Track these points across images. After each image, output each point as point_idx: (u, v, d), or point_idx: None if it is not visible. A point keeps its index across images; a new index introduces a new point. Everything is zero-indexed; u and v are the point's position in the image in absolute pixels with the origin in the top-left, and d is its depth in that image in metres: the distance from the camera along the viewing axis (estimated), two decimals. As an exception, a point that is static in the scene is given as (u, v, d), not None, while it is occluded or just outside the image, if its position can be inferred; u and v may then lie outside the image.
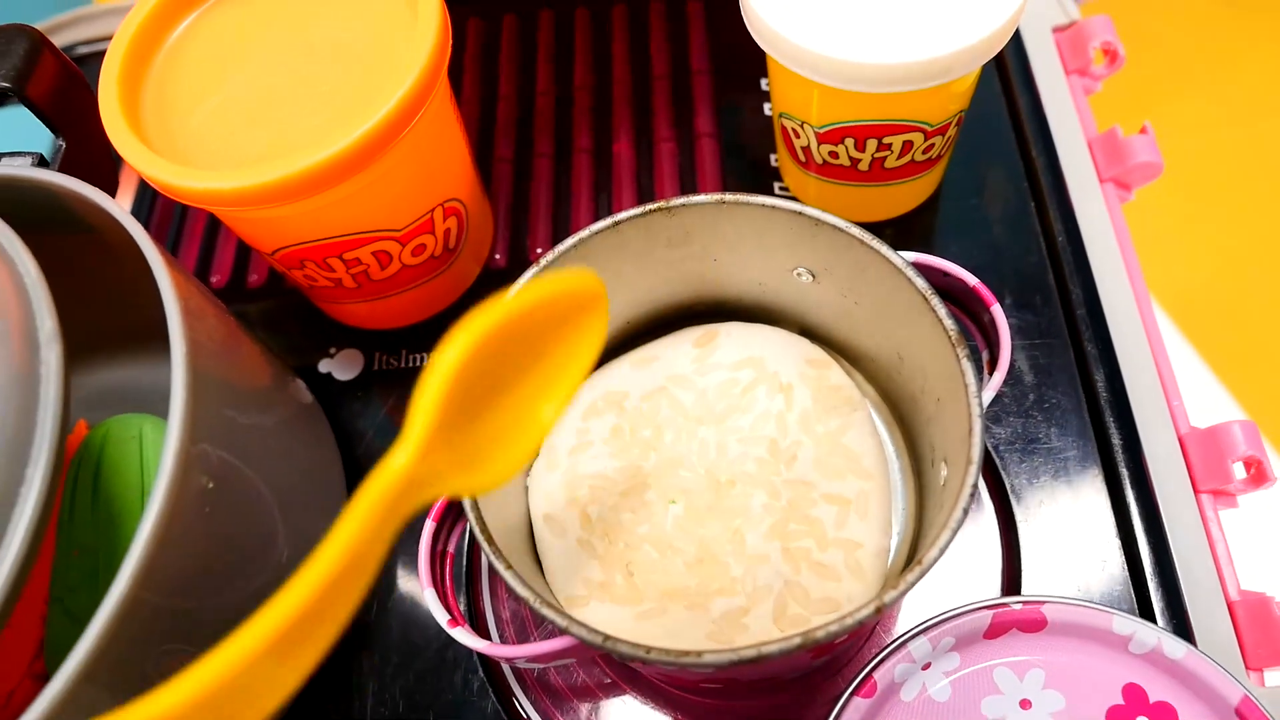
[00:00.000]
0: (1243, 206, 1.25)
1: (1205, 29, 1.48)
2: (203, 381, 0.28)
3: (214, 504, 0.28)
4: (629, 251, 0.33)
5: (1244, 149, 1.31)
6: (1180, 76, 1.41)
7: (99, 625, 0.26)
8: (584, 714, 0.33)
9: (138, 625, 0.26)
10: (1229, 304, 1.14)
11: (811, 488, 0.33)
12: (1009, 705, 0.30)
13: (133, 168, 0.30)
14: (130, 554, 0.26)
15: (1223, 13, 1.47)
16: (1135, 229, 0.40)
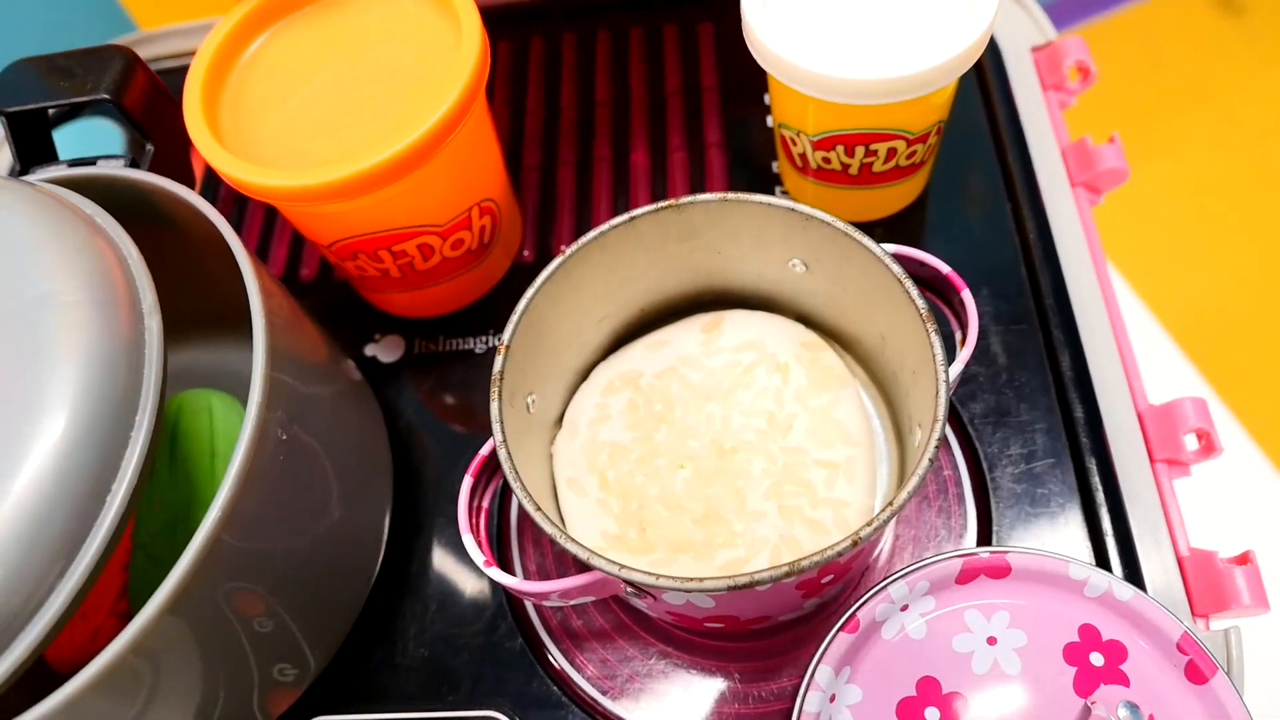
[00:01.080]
0: (1246, 223, 1.28)
1: (1210, 46, 1.51)
2: (275, 351, 0.33)
3: (285, 456, 0.33)
4: (643, 245, 0.37)
5: (1249, 166, 1.34)
6: (1185, 93, 1.44)
7: (187, 560, 0.29)
8: (600, 654, 0.37)
9: (215, 562, 0.30)
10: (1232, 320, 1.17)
11: (804, 454, 0.37)
12: (977, 641, 0.34)
13: (214, 168, 0.35)
14: (217, 498, 0.30)
15: (1228, 31, 1.51)
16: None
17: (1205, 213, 1.30)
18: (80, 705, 0.28)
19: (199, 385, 0.42)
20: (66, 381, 0.28)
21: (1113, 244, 0.66)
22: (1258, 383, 1.08)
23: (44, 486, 0.27)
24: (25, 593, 0.27)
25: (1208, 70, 1.46)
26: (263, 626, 0.34)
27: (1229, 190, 1.31)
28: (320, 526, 0.36)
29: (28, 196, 0.32)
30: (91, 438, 0.28)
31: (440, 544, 0.40)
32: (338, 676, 0.38)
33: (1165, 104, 1.42)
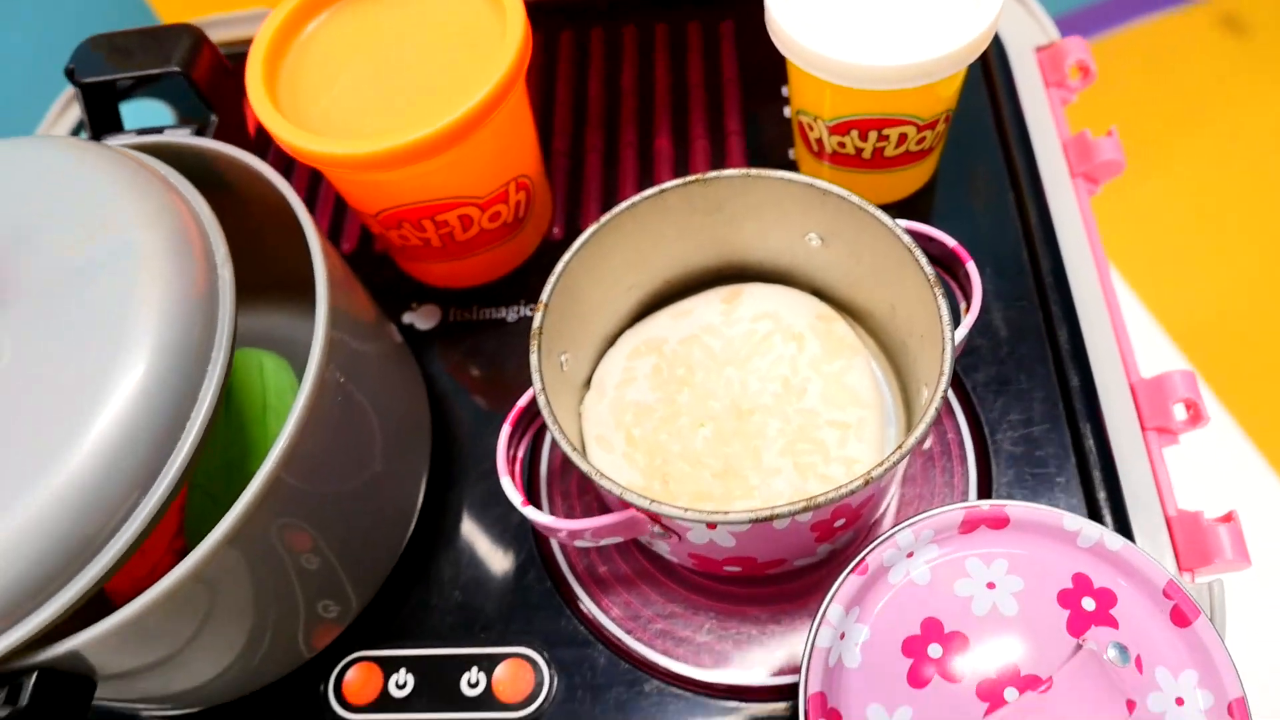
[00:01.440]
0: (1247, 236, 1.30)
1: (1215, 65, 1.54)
2: (334, 309, 0.35)
3: (339, 405, 0.35)
4: (671, 217, 0.40)
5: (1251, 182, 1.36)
6: (1189, 110, 1.47)
7: (250, 494, 0.32)
8: (624, 598, 0.40)
9: (273, 498, 0.33)
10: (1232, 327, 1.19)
11: (817, 415, 0.40)
12: (978, 586, 0.36)
13: (276, 137, 0.38)
14: (279, 437, 0.32)
15: (1233, 51, 1.54)
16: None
17: (1208, 225, 1.33)
18: (144, 621, 0.30)
19: (249, 345, 0.45)
20: (150, 325, 0.31)
21: (1118, 254, 0.69)
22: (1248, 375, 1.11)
23: (126, 422, 0.29)
24: (101, 521, 0.29)
25: (1212, 88, 1.50)
26: (309, 564, 0.37)
27: (1231, 204, 1.34)
28: (366, 474, 0.39)
29: (109, 156, 0.35)
30: (171, 379, 0.30)
31: (473, 497, 0.43)
32: (377, 616, 0.40)
33: (1170, 120, 1.45)
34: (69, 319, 0.31)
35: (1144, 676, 0.34)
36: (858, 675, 0.36)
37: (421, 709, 0.38)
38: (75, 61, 0.39)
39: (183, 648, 0.34)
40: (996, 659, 0.35)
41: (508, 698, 0.38)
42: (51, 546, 0.29)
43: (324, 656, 0.39)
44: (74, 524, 0.29)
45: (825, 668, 0.35)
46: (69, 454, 0.29)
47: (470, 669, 0.39)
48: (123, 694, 0.36)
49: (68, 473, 0.29)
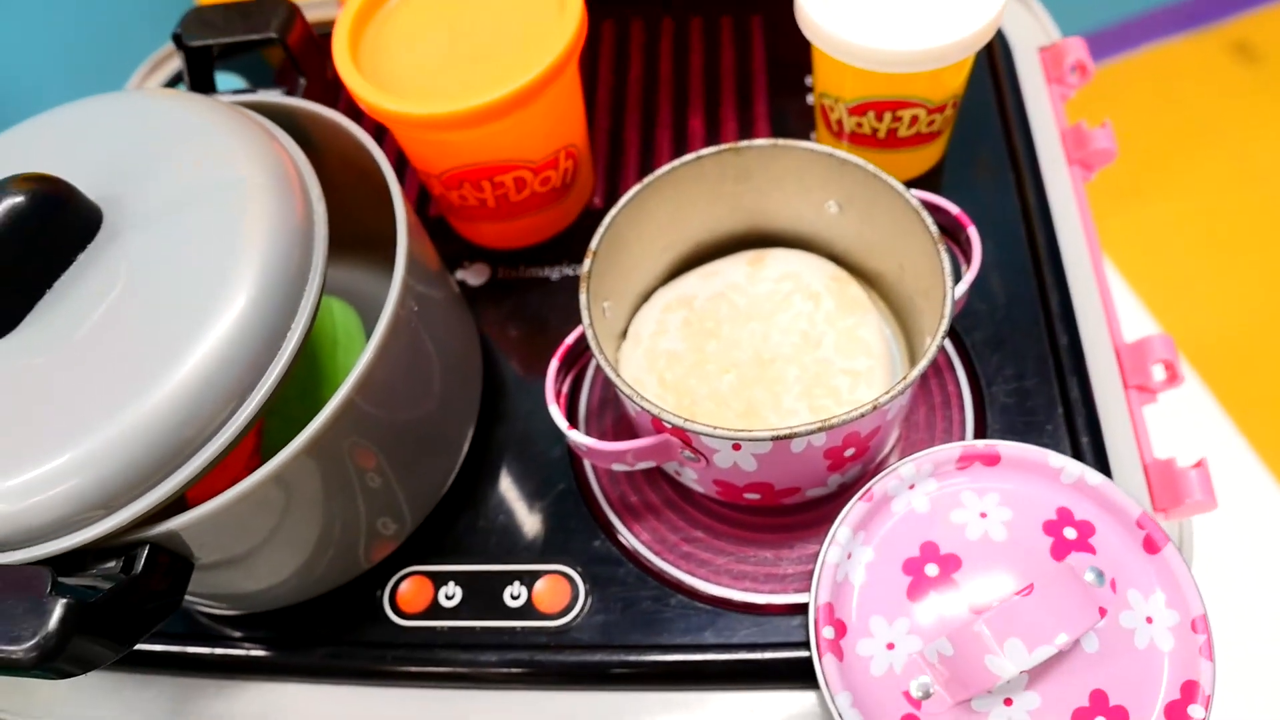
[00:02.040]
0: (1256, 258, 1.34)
1: (1225, 91, 1.57)
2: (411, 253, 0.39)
3: (408, 340, 0.39)
4: (705, 183, 0.44)
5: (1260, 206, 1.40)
6: (1200, 135, 1.51)
7: (328, 412, 0.35)
8: (652, 524, 0.44)
9: (346, 418, 0.37)
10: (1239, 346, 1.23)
11: (831, 364, 0.44)
12: (971, 515, 0.41)
13: (358, 96, 0.42)
14: (357, 364, 0.36)
15: (1243, 77, 1.58)
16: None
17: (1217, 248, 1.36)
18: (233, 511, 0.34)
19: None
20: (256, 251, 0.35)
21: (1128, 272, 0.73)
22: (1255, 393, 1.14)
23: (233, 337, 0.33)
24: (204, 423, 0.33)
25: (1222, 114, 1.54)
26: (372, 482, 0.41)
27: (1239, 228, 1.38)
28: (426, 405, 0.42)
29: (215, 105, 0.39)
30: (273, 300, 0.34)
31: (517, 434, 0.47)
32: (429, 535, 0.44)
33: (1180, 144, 1.49)
34: (182, 243, 0.36)
35: (1118, 596, 0.38)
36: (862, 590, 0.40)
37: (468, 617, 0.42)
38: (182, 27, 0.43)
39: (261, 545, 0.38)
40: (987, 578, 0.39)
41: (547, 608, 0.42)
42: (161, 442, 0.33)
43: (380, 569, 0.44)
44: (182, 423, 0.33)
45: (834, 582, 0.40)
46: (182, 362, 0.33)
47: (513, 583, 0.43)
48: (207, 587, 0.40)
49: (179, 379, 0.33)
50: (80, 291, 0.35)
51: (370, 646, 0.42)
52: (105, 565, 0.33)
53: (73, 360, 0.34)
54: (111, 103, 0.41)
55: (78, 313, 0.35)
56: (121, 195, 0.37)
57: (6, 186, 0.34)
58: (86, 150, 0.39)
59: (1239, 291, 1.31)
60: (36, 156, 0.39)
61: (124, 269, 0.36)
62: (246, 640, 0.43)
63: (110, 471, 0.32)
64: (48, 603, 0.30)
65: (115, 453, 0.32)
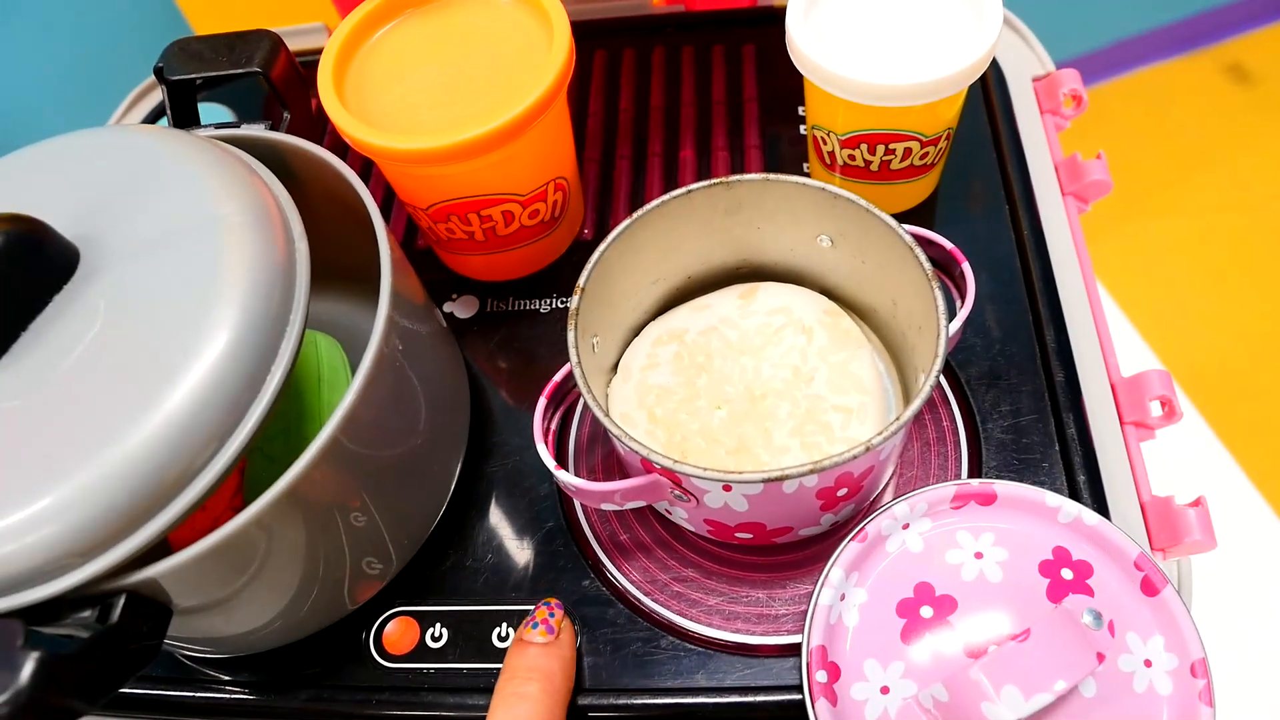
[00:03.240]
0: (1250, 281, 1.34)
1: (1220, 113, 1.57)
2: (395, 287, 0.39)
3: (393, 377, 0.39)
4: (696, 216, 0.44)
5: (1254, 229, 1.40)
6: (1193, 156, 1.51)
7: (312, 452, 0.34)
8: (642, 563, 0.43)
9: (331, 458, 0.36)
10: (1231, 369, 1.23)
11: (824, 400, 0.43)
12: (966, 555, 0.40)
13: (344, 132, 0.42)
14: (342, 401, 0.35)
15: (1237, 99, 1.58)
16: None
17: (1210, 271, 1.36)
18: (213, 557, 0.34)
19: (304, 326, 0.48)
20: (236, 292, 0.34)
21: (1120, 297, 0.73)
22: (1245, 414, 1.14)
23: (212, 379, 0.32)
24: (184, 466, 0.32)
25: (1216, 136, 1.54)
26: (357, 522, 0.40)
27: (1234, 251, 1.38)
28: (411, 443, 0.42)
29: (196, 142, 0.39)
30: (254, 341, 0.33)
31: (505, 471, 0.46)
32: (415, 574, 0.44)
33: (1173, 166, 1.49)
34: (161, 282, 0.35)
35: (1116, 640, 0.38)
36: (856, 633, 0.39)
37: (456, 659, 0.42)
38: (163, 61, 0.43)
39: (242, 590, 0.38)
40: (982, 620, 0.38)
41: (535, 649, 0.41)
42: (141, 486, 0.32)
43: (365, 609, 0.43)
44: (162, 466, 0.32)
45: (827, 624, 0.39)
46: (161, 403, 0.32)
47: (501, 624, 0.42)
48: (186, 631, 0.39)
49: (159, 420, 0.32)
50: (57, 332, 0.34)
51: (355, 689, 0.41)
52: (80, 614, 0.32)
53: (49, 403, 0.33)
54: (90, 138, 0.41)
55: (54, 354, 0.34)
56: (99, 233, 0.36)
57: None
58: (64, 187, 0.38)
59: (1234, 317, 1.31)
60: (12, 194, 0.38)
61: (101, 309, 0.35)
62: (229, 683, 0.42)
63: (87, 517, 0.31)
64: (20, 656, 0.29)
65: (92, 498, 0.31)
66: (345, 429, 0.36)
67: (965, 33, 0.44)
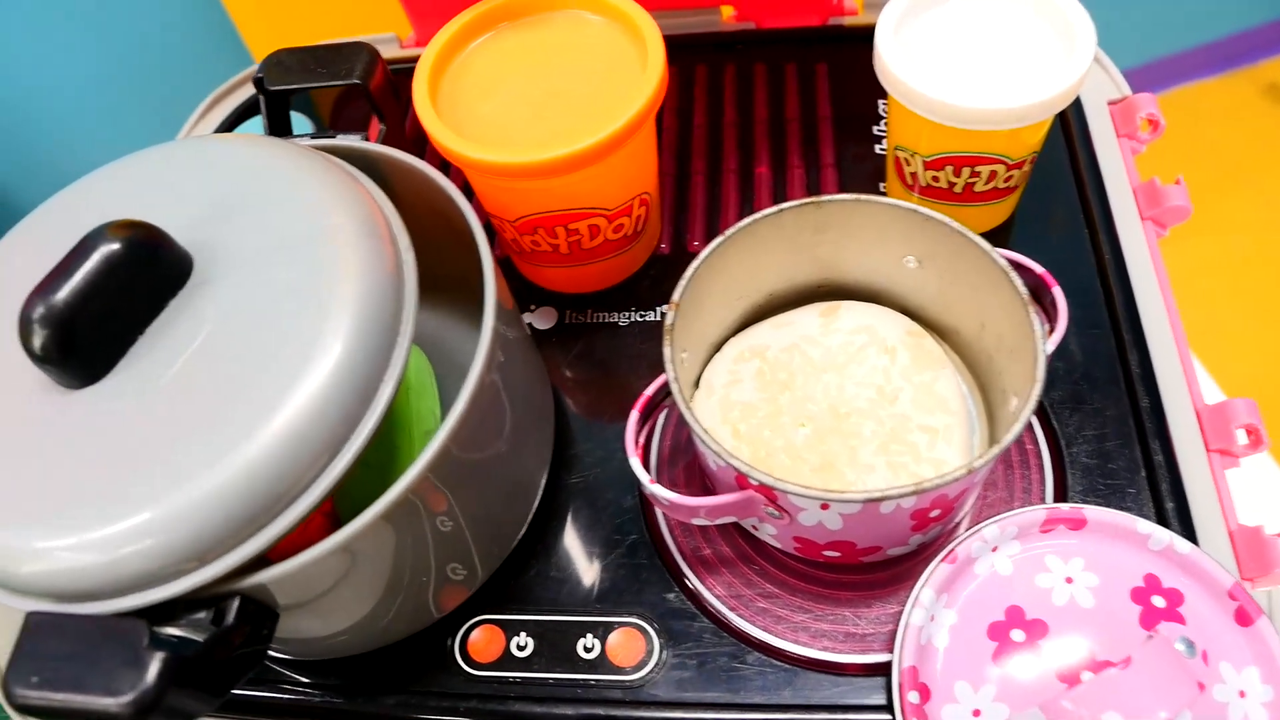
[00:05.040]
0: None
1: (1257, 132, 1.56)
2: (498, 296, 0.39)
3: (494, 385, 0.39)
4: (783, 234, 0.44)
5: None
6: (1229, 174, 1.50)
7: (422, 462, 0.35)
8: (726, 578, 0.44)
9: (438, 467, 0.36)
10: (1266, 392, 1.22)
11: (909, 420, 0.43)
12: (1057, 580, 0.40)
13: (440, 144, 0.42)
14: (452, 411, 0.35)
15: (1274, 118, 1.57)
16: None
17: (1248, 292, 1.35)
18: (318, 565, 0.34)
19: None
20: (352, 299, 0.34)
21: None
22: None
23: (327, 388, 0.33)
24: (294, 479, 0.33)
25: (1253, 155, 1.53)
26: (446, 527, 0.40)
27: (1273, 271, 1.37)
28: (504, 450, 0.41)
29: (303, 152, 0.39)
30: (367, 349, 0.34)
31: (588, 482, 0.47)
32: (500, 583, 0.44)
33: (1210, 185, 1.48)
34: (273, 291, 0.35)
35: (1209, 669, 0.38)
36: (946, 654, 0.39)
37: (541, 669, 0.42)
38: (263, 71, 0.43)
39: (339, 594, 0.38)
40: (1074, 645, 0.38)
41: (621, 661, 0.41)
42: (259, 493, 0.32)
43: (450, 617, 0.43)
44: (277, 478, 0.32)
45: (918, 645, 0.39)
46: (277, 415, 0.32)
47: (586, 634, 0.42)
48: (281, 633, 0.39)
49: (274, 432, 0.32)
50: (171, 338, 0.35)
51: (441, 696, 0.42)
52: (195, 615, 0.33)
53: (166, 409, 0.34)
54: (195, 147, 0.41)
55: (169, 360, 0.34)
56: (210, 242, 0.37)
57: (103, 233, 0.34)
58: (175, 195, 0.39)
59: (1274, 337, 1.30)
60: (125, 201, 0.39)
61: (214, 316, 0.35)
62: (315, 686, 0.43)
63: (205, 525, 0.32)
64: (145, 655, 0.30)
65: (211, 506, 0.32)
66: (455, 438, 0.36)
67: (1054, 57, 0.44)
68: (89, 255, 0.34)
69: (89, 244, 0.34)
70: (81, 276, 0.34)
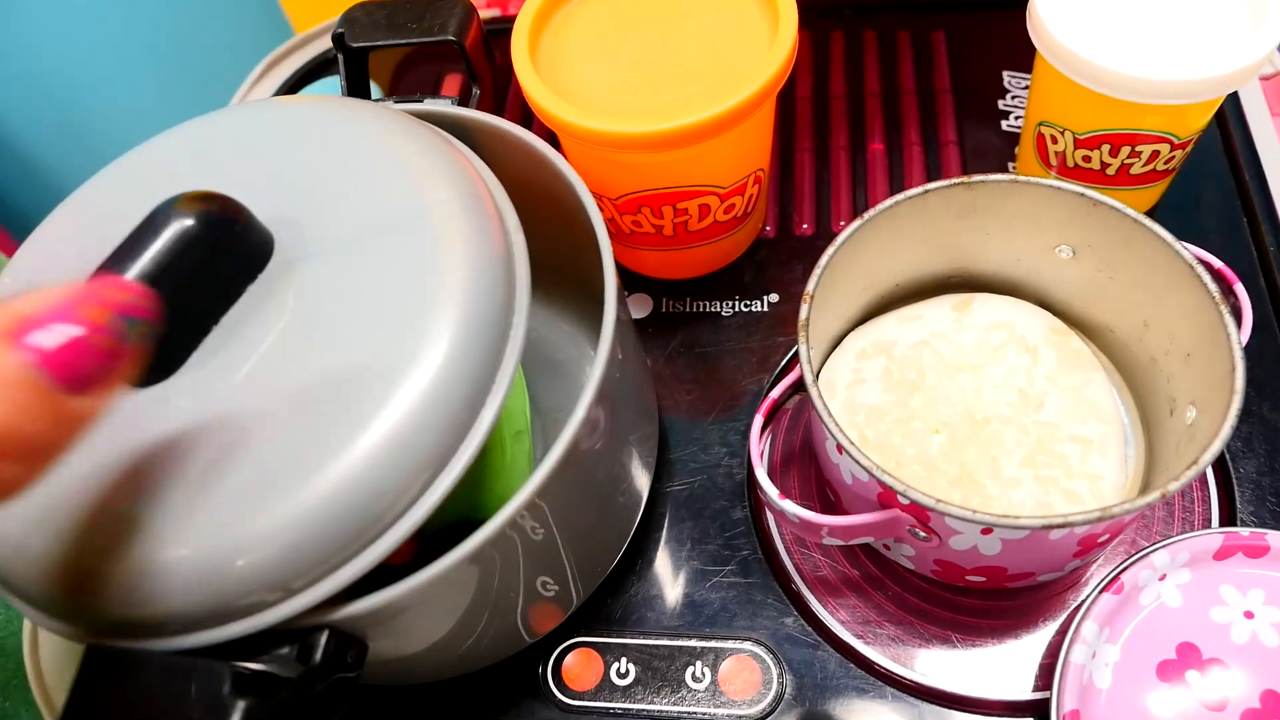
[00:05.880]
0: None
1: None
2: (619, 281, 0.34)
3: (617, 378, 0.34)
4: (924, 219, 0.39)
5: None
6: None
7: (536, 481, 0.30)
8: (851, 601, 0.39)
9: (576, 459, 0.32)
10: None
11: (1058, 429, 0.39)
12: (1235, 614, 0.35)
13: (544, 111, 0.38)
14: (572, 418, 0.31)
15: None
16: None
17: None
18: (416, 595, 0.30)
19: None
20: (458, 287, 0.29)
21: None
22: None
23: (431, 393, 0.28)
24: (395, 496, 0.28)
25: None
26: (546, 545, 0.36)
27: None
28: (609, 463, 0.37)
29: (396, 117, 0.35)
30: (477, 347, 0.29)
31: (691, 490, 0.42)
32: (596, 604, 0.40)
33: None
34: (368, 276, 0.31)
35: None
36: (1110, 696, 0.35)
37: (645, 699, 0.38)
38: (344, 26, 0.39)
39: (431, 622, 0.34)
40: (1260, 690, 0.34)
41: (736, 694, 0.37)
42: (353, 515, 0.27)
43: (543, 641, 0.39)
44: (374, 497, 0.27)
45: (1079, 685, 0.35)
46: (375, 425, 0.28)
47: (695, 662, 0.38)
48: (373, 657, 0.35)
49: (371, 444, 0.27)
50: (251, 331, 0.30)
51: (534, 728, 0.38)
52: (279, 651, 0.29)
53: (246, 414, 0.29)
54: (268, 111, 0.36)
55: (248, 356, 0.30)
56: (294, 218, 0.32)
57: (172, 207, 0.29)
58: (248, 166, 0.34)
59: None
60: (189, 175, 0.34)
61: (302, 305, 0.31)
62: (401, 715, 0.39)
63: (292, 550, 0.27)
64: (228, 702, 0.26)
65: (299, 529, 0.27)
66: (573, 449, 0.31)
67: (1236, 24, 0.39)
68: (158, 232, 0.28)
69: (158, 219, 0.29)
70: (150, 258, 0.28)
